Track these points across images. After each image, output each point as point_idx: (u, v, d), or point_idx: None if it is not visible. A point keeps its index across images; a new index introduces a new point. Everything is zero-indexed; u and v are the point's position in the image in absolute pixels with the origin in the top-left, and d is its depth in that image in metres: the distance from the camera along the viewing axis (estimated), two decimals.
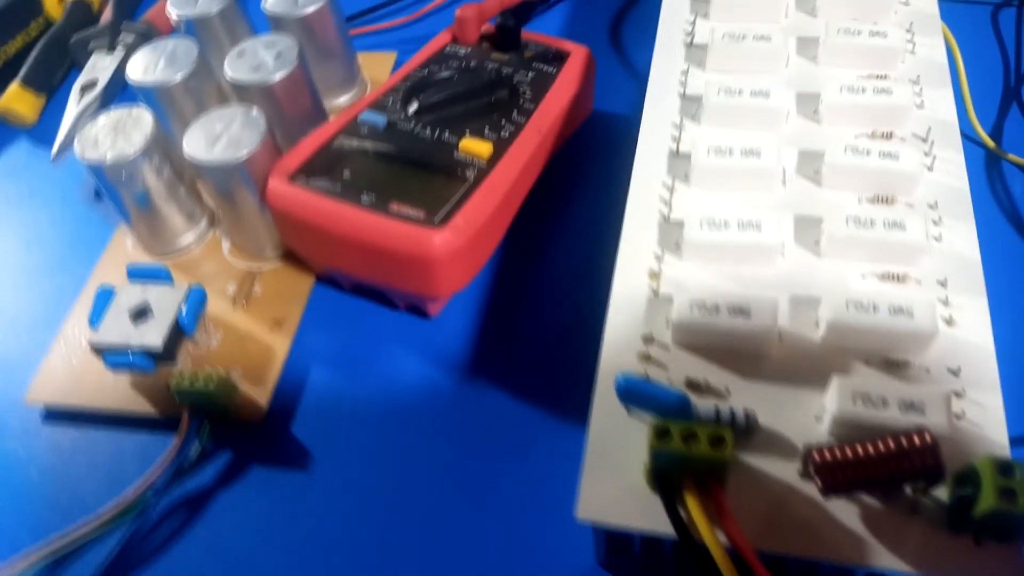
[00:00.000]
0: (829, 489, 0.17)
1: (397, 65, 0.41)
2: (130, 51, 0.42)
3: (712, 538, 0.16)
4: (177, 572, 0.26)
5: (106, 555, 0.26)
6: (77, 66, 0.42)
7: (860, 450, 0.16)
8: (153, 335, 0.30)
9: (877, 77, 0.25)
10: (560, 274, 0.31)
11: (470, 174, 0.30)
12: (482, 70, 0.34)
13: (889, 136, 0.23)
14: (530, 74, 0.34)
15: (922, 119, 0.24)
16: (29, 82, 0.41)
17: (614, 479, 0.18)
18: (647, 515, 0.17)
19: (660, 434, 0.17)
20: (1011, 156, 0.33)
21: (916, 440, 0.16)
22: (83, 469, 0.29)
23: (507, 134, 0.31)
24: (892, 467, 0.16)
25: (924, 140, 0.23)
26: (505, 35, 0.35)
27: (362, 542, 0.26)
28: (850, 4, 0.28)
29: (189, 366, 0.30)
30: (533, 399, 0.27)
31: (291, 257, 0.33)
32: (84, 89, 0.41)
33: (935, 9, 0.28)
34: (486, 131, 0.31)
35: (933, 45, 0.27)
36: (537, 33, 0.36)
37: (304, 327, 0.31)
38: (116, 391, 0.30)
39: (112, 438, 0.30)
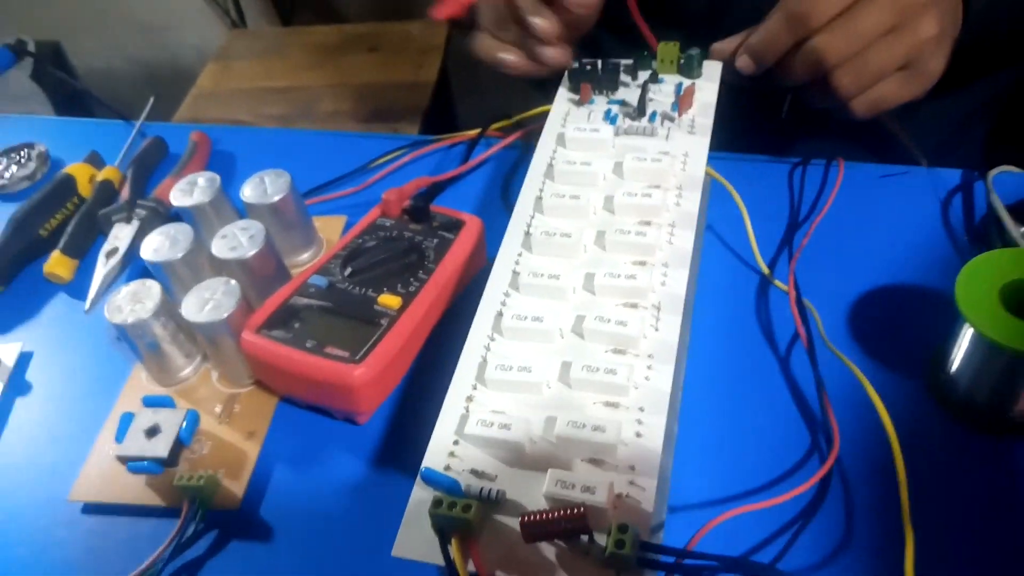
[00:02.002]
0: (527, 538, 0.28)
1: (348, 226, 0.54)
2: (144, 222, 0.55)
3: (462, 567, 0.28)
4: None
5: None
6: (103, 234, 0.55)
7: (546, 516, 0.28)
8: (161, 447, 0.41)
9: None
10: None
11: (384, 321, 0.42)
12: (400, 238, 0.47)
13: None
14: (435, 240, 0.46)
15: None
16: (67, 250, 0.54)
17: (420, 532, 0.30)
18: (435, 555, 0.29)
19: (436, 503, 0.29)
20: (777, 283, 0.45)
21: (575, 512, 0.28)
22: (112, 547, 0.40)
23: (413, 289, 0.44)
24: (561, 526, 0.28)
25: (657, 311, 0.36)
26: (417, 212, 0.48)
27: None
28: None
29: (187, 468, 0.42)
30: None
31: (262, 383, 0.45)
32: (108, 255, 0.54)
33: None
34: (398, 287, 0.44)
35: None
36: (443, 207, 0.48)
37: (270, 436, 0.43)
38: (136, 489, 0.42)
39: (133, 523, 0.41)
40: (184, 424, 0.42)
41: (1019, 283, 0.36)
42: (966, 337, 0.37)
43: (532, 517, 0.28)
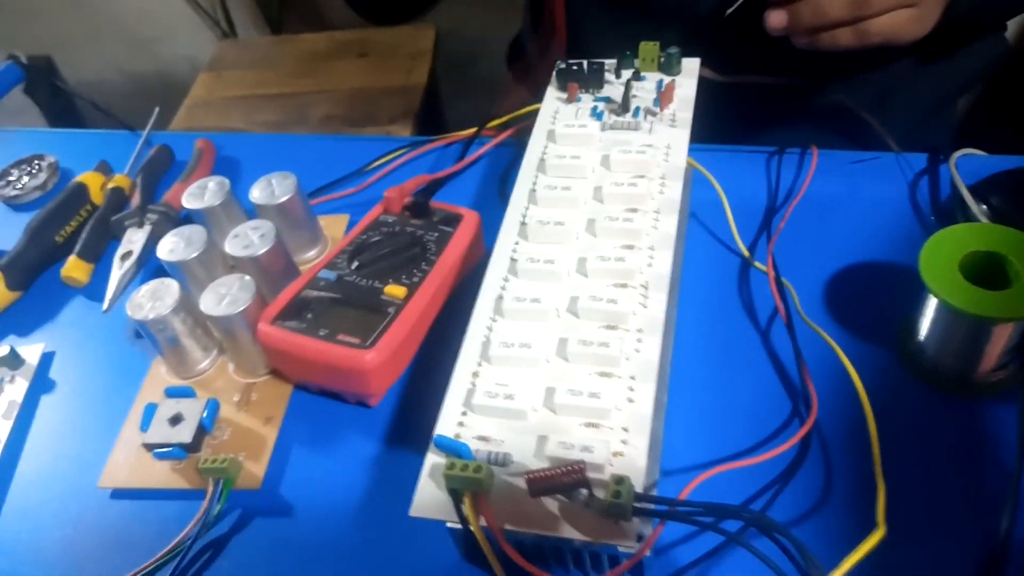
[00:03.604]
0: (532, 493, 0.31)
1: (350, 224, 0.57)
2: (155, 226, 0.57)
3: (475, 522, 0.31)
4: None
5: None
6: (117, 239, 0.58)
7: (549, 472, 0.31)
8: (185, 434, 0.44)
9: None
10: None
11: (391, 310, 0.45)
12: (402, 233, 0.50)
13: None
14: (435, 234, 0.49)
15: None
16: (82, 254, 0.57)
17: (434, 494, 0.33)
18: (449, 513, 0.32)
19: (449, 466, 0.32)
20: (757, 263, 0.48)
21: (575, 468, 0.31)
22: (142, 529, 0.43)
23: (417, 280, 0.46)
24: (563, 481, 0.31)
25: (644, 288, 0.39)
26: (418, 208, 0.51)
27: (321, 559, 0.40)
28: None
29: (209, 453, 0.45)
30: None
31: (276, 372, 0.48)
32: (123, 258, 0.56)
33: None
34: (403, 279, 0.46)
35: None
36: (443, 202, 0.51)
37: (287, 421, 0.46)
38: (162, 474, 0.44)
39: (160, 506, 0.44)
40: (205, 412, 0.45)
41: (978, 254, 0.40)
42: (931, 306, 0.40)
43: (537, 474, 0.31)
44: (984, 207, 0.47)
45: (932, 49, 0.63)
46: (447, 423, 0.35)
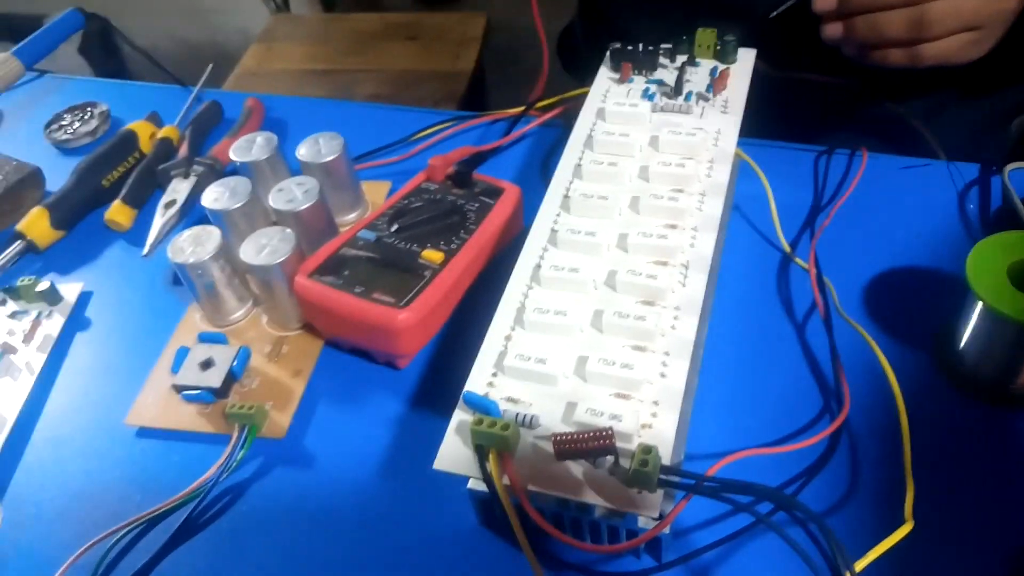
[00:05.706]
0: (558, 456, 0.31)
1: (391, 191, 0.57)
2: (200, 178, 0.58)
3: (498, 479, 0.31)
4: (222, 537, 0.40)
5: (176, 524, 0.40)
6: (161, 188, 0.59)
7: (576, 436, 0.31)
8: (215, 379, 0.45)
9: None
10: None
11: (427, 273, 0.45)
12: (443, 201, 0.50)
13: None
14: (476, 204, 0.49)
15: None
16: (127, 200, 0.58)
17: (459, 449, 0.33)
18: (472, 468, 0.32)
19: (477, 421, 0.31)
20: (797, 259, 0.47)
21: (604, 433, 0.30)
22: (164, 467, 0.43)
23: (455, 246, 0.46)
24: (592, 446, 0.30)
25: (684, 268, 0.38)
26: (461, 177, 0.51)
27: (338, 513, 0.40)
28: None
29: (238, 399, 0.45)
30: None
31: (308, 327, 0.48)
32: (167, 206, 0.57)
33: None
34: (440, 244, 0.47)
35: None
36: (485, 174, 0.51)
37: (316, 375, 0.46)
38: (188, 417, 0.45)
39: (184, 448, 0.44)
40: (236, 359, 0.46)
41: None
42: (975, 312, 0.40)
43: (564, 436, 0.31)
44: None
45: (987, 72, 0.62)
46: (477, 381, 0.35)
